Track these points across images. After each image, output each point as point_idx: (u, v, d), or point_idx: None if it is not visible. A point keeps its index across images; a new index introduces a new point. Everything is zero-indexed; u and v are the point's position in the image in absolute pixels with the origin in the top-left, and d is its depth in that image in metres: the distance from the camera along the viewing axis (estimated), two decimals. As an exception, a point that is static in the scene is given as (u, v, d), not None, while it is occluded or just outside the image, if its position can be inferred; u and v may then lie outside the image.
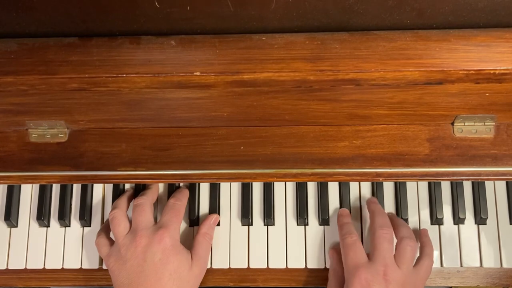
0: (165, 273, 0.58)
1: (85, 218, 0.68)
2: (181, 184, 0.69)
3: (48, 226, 0.69)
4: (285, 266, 0.67)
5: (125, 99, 0.57)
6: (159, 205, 0.69)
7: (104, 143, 0.62)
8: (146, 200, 0.64)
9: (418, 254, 0.64)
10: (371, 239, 0.62)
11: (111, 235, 0.65)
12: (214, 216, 0.67)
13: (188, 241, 0.66)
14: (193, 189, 0.68)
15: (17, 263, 0.68)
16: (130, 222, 0.63)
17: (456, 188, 0.67)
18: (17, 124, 0.62)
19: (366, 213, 0.67)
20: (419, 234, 0.66)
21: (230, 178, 0.62)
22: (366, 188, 0.68)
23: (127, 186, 0.69)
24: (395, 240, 0.62)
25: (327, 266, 0.66)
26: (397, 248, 0.61)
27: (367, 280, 0.57)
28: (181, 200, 0.65)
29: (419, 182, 0.68)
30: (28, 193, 0.70)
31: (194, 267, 0.61)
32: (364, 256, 0.60)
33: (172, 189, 0.68)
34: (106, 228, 0.66)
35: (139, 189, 0.68)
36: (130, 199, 0.67)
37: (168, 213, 0.63)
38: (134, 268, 0.58)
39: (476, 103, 0.57)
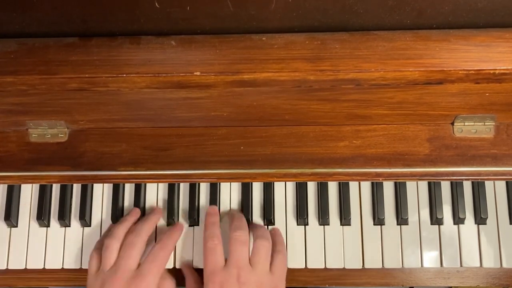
0: None
1: (85, 218, 0.68)
2: (181, 187, 0.69)
3: (48, 226, 0.69)
4: (285, 266, 0.67)
5: (125, 99, 0.57)
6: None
7: (104, 143, 0.62)
8: (140, 238, 0.62)
9: None
10: (229, 242, 0.62)
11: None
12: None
13: (188, 241, 0.67)
14: (193, 189, 0.68)
15: (17, 263, 0.68)
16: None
17: (456, 188, 0.67)
18: (17, 124, 0.62)
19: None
20: (272, 234, 0.66)
21: (230, 178, 0.62)
22: (366, 188, 0.68)
23: (127, 186, 0.69)
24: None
25: (328, 266, 0.66)
26: (253, 249, 0.62)
27: (221, 283, 0.58)
28: (167, 247, 0.63)
29: (419, 182, 0.68)
30: (28, 193, 0.70)
31: None
32: (222, 260, 0.60)
33: (172, 189, 0.68)
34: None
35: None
36: (128, 227, 0.66)
37: (150, 261, 0.61)
38: None
39: (476, 103, 0.57)
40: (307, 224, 0.68)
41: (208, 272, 0.60)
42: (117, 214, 0.68)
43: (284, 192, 0.69)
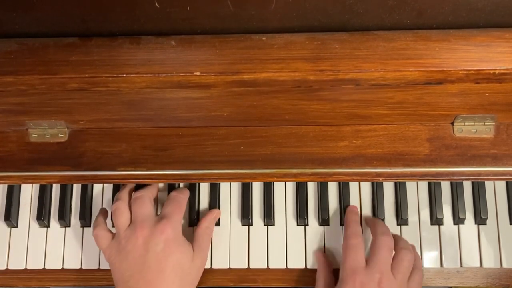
0: (168, 264, 0.58)
1: (85, 218, 0.68)
2: (181, 185, 0.69)
3: (48, 226, 0.69)
4: (285, 266, 0.67)
5: (125, 99, 0.57)
6: (158, 204, 0.69)
7: (104, 143, 0.62)
8: (146, 193, 0.63)
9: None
10: (372, 245, 0.62)
11: (110, 228, 0.65)
12: (216, 211, 0.67)
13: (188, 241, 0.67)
14: (193, 189, 0.68)
15: (17, 263, 0.68)
16: None
17: (456, 188, 0.67)
18: (17, 124, 0.62)
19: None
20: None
21: (230, 178, 0.62)
22: (366, 188, 0.68)
23: (127, 186, 0.69)
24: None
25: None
26: (395, 258, 0.61)
27: (362, 284, 0.57)
28: (183, 193, 0.66)
29: (419, 182, 0.68)
30: (28, 193, 0.70)
31: (196, 259, 0.61)
32: (363, 260, 0.60)
33: (172, 190, 0.68)
34: (103, 219, 0.65)
35: (139, 186, 0.68)
36: (132, 192, 0.66)
37: (170, 204, 0.63)
38: (135, 260, 0.58)
39: (476, 103, 0.57)
40: (307, 224, 0.68)
41: (349, 269, 0.59)
42: (117, 214, 0.67)
43: (284, 192, 0.69)
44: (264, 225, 0.68)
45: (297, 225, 0.68)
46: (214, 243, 0.67)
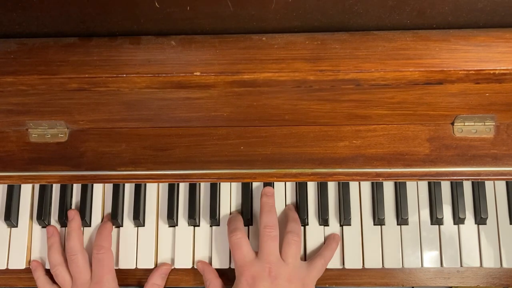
0: None
1: (85, 218, 0.68)
2: (181, 185, 0.69)
3: (48, 226, 0.69)
4: (285, 266, 0.67)
5: (125, 99, 0.57)
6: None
7: (104, 143, 0.62)
8: (77, 256, 0.64)
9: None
10: (259, 237, 0.63)
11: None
12: (163, 267, 0.67)
13: (187, 241, 0.67)
14: (193, 189, 0.68)
15: (17, 263, 0.68)
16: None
17: (456, 188, 0.67)
18: (17, 124, 0.62)
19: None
20: (328, 237, 0.67)
21: (230, 178, 0.62)
22: (366, 188, 0.68)
23: (127, 186, 0.69)
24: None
25: (327, 266, 0.66)
26: (283, 243, 0.62)
27: (253, 277, 0.59)
28: (103, 246, 0.65)
29: (419, 182, 0.68)
30: (28, 193, 0.70)
31: None
32: (251, 253, 0.62)
33: (172, 189, 0.68)
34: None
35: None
36: (59, 247, 0.67)
37: (97, 267, 0.64)
38: None
39: (476, 103, 0.57)
40: (307, 224, 0.68)
41: (239, 266, 0.61)
42: (117, 214, 0.67)
43: (284, 192, 0.69)
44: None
45: (297, 225, 0.68)
46: (214, 243, 0.67)
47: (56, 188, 0.70)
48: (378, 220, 0.66)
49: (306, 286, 0.61)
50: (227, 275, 0.67)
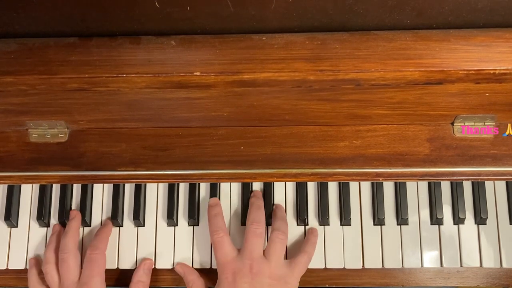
0: None
1: (85, 218, 0.68)
2: (181, 185, 0.69)
3: (48, 226, 0.69)
4: (285, 266, 0.67)
5: (125, 99, 0.57)
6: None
7: (104, 143, 0.62)
8: (69, 255, 0.63)
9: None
10: (245, 233, 0.63)
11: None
12: (148, 261, 0.66)
13: (188, 241, 0.67)
14: (193, 189, 0.68)
15: (17, 263, 0.68)
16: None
17: (456, 188, 0.67)
18: (17, 124, 0.62)
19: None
20: (307, 232, 0.67)
21: (230, 178, 0.62)
22: (366, 188, 0.68)
23: (127, 186, 0.69)
24: None
25: (328, 266, 0.66)
26: (268, 240, 0.63)
27: (234, 273, 0.59)
28: (98, 247, 0.64)
29: (419, 182, 0.68)
30: (28, 193, 0.70)
31: None
32: (232, 251, 0.62)
33: (172, 189, 0.68)
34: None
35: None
36: (54, 246, 0.66)
37: (87, 267, 0.63)
38: None
39: (476, 103, 0.57)
40: (307, 224, 0.68)
41: (220, 264, 0.61)
42: (117, 214, 0.67)
43: (284, 192, 0.69)
44: (266, 225, 0.68)
45: (297, 225, 0.68)
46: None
47: (56, 188, 0.70)
48: (378, 220, 0.66)
49: (288, 284, 0.61)
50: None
